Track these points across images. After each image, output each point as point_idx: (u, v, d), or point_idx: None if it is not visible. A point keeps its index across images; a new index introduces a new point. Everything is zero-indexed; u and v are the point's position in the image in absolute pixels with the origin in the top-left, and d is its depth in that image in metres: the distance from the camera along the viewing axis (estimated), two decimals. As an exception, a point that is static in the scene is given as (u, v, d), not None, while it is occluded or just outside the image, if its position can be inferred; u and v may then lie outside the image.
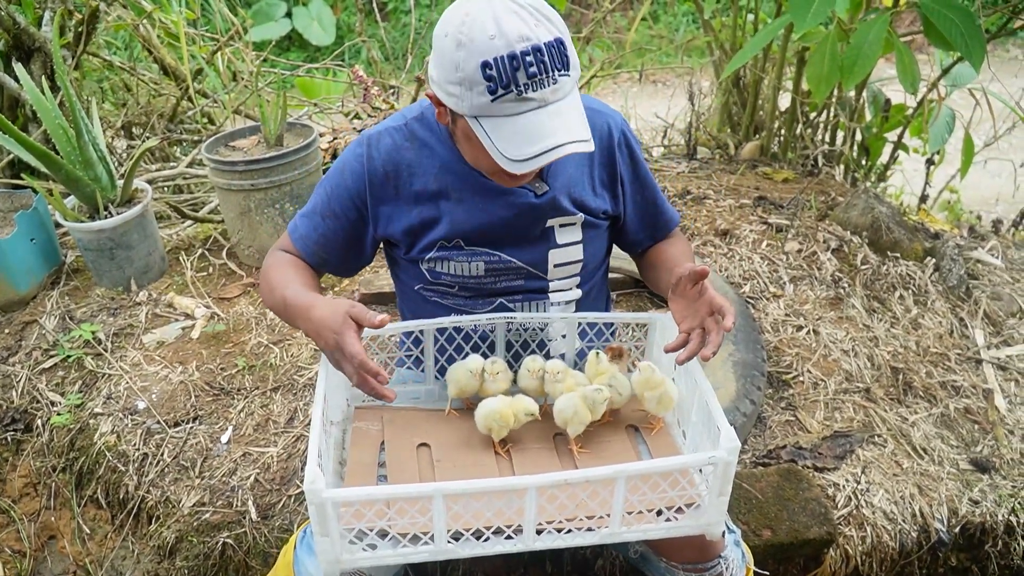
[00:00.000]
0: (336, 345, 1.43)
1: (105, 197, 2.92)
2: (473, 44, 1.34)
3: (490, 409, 1.56)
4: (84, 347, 2.74)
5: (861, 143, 3.89)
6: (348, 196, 1.66)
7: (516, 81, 1.34)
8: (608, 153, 1.68)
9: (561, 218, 1.66)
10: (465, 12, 1.36)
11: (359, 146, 1.65)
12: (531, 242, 1.67)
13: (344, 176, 1.66)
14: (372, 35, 7.05)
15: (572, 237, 1.69)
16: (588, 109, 1.62)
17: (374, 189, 1.65)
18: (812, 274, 2.95)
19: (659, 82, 6.90)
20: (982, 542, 2.24)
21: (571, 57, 1.39)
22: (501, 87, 1.35)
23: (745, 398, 2.36)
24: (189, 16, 4.07)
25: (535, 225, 1.66)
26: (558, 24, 1.38)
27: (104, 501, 2.39)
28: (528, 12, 1.35)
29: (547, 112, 1.38)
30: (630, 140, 1.72)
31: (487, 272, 1.69)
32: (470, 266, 1.68)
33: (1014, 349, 2.76)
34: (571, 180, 1.66)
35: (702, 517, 1.42)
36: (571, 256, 1.71)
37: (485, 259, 1.67)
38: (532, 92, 1.36)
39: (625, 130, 1.71)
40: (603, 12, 4.12)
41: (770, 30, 2.98)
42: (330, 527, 1.28)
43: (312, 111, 4.22)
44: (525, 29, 1.33)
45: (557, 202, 1.64)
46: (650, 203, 1.79)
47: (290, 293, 1.57)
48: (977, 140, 3.66)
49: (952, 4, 2.62)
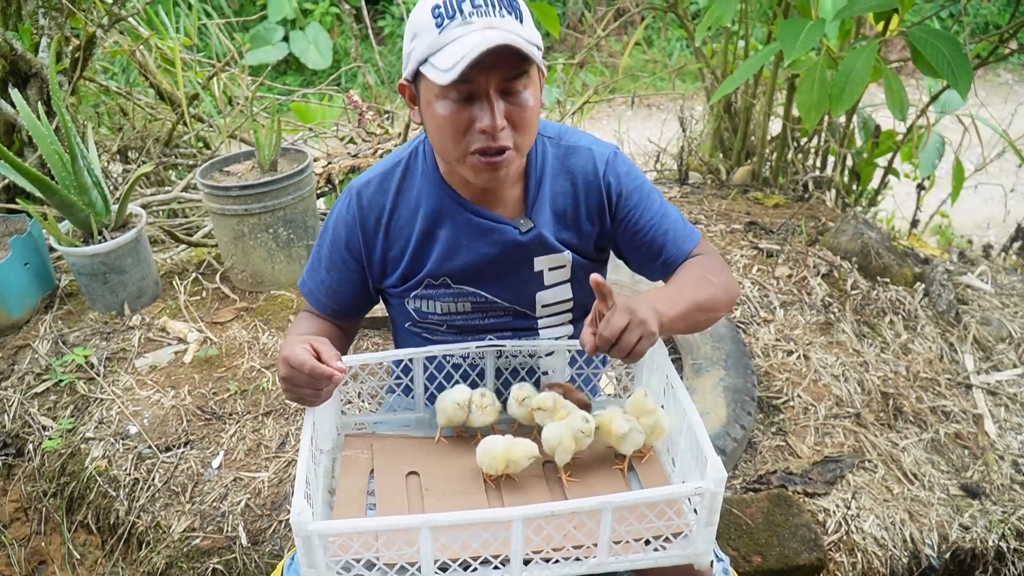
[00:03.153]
0: (283, 361, 1.47)
1: (99, 222, 2.94)
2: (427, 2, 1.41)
3: (485, 450, 1.56)
4: (76, 371, 2.74)
5: (852, 168, 3.92)
6: (345, 248, 1.68)
7: (461, 10, 1.38)
8: (594, 186, 1.65)
9: (548, 257, 1.65)
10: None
11: (347, 197, 1.67)
12: (518, 282, 1.66)
13: (338, 229, 1.68)
14: (368, 60, 7.10)
15: (561, 277, 1.68)
16: (572, 148, 1.64)
17: (366, 237, 1.67)
18: (802, 299, 2.97)
19: (653, 106, 6.94)
20: (972, 568, 2.24)
21: (521, 6, 1.43)
22: (447, 16, 1.38)
23: (735, 423, 2.37)
24: (185, 43, 4.11)
25: (522, 265, 1.65)
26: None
27: (95, 526, 2.39)
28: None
29: (492, 25, 1.38)
30: (618, 168, 1.65)
31: (473, 310, 1.69)
32: (456, 304, 1.69)
33: (1004, 374, 2.77)
34: (556, 216, 1.64)
35: (690, 547, 1.42)
36: (560, 296, 1.70)
37: (471, 298, 1.68)
38: (476, 19, 1.38)
39: (611, 159, 1.66)
40: (596, 38, 4.15)
41: (759, 57, 3.01)
42: (317, 559, 1.28)
43: (307, 136, 4.25)
44: None
45: (543, 238, 1.63)
46: (652, 228, 1.65)
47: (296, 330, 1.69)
48: (968, 165, 3.69)
49: (939, 33, 2.66)
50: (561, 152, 1.64)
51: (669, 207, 1.69)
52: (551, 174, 1.63)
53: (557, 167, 1.63)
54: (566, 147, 1.65)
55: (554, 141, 1.65)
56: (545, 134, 1.65)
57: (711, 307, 1.57)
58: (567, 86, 4.40)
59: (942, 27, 3.81)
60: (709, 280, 1.58)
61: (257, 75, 4.38)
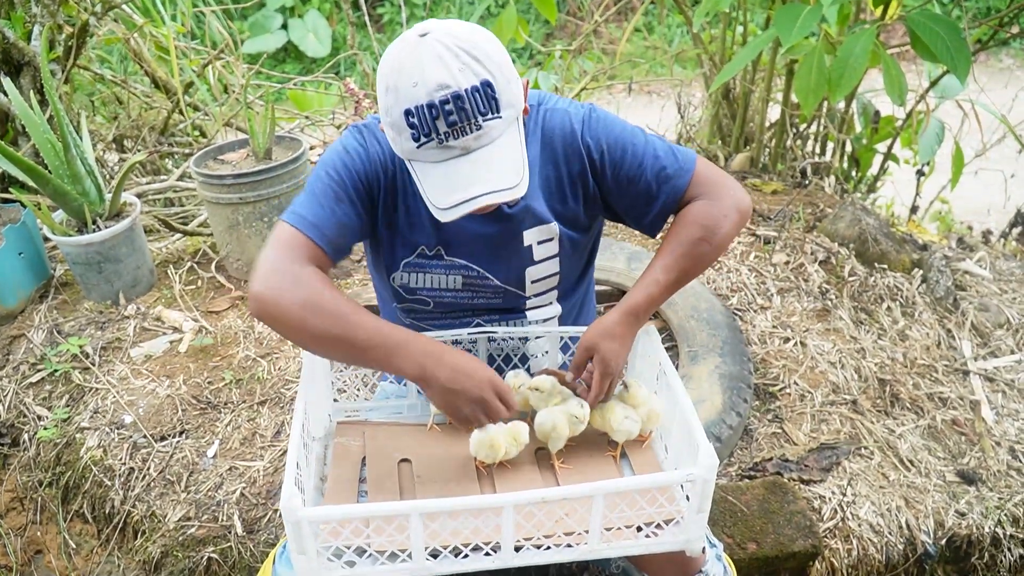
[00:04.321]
0: (488, 383, 1.48)
1: (93, 211, 2.93)
2: (398, 91, 1.35)
3: (479, 440, 1.54)
4: (72, 361, 2.74)
5: (851, 154, 3.90)
6: (357, 178, 1.54)
7: (436, 130, 1.34)
8: (573, 149, 1.60)
9: (537, 229, 1.63)
10: (395, 56, 1.37)
11: (358, 132, 1.59)
12: (508, 257, 1.65)
13: (350, 157, 1.55)
14: (366, 48, 7.07)
15: (550, 251, 1.67)
16: (550, 110, 1.61)
17: (378, 178, 1.57)
18: (799, 286, 2.95)
19: (653, 93, 6.91)
20: (969, 554, 2.24)
21: (501, 98, 1.36)
22: (423, 135, 1.35)
23: (732, 410, 2.36)
24: (180, 30, 4.08)
25: (511, 238, 1.63)
26: (488, 65, 1.35)
27: (90, 516, 2.39)
28: (454, 56, 1.33)
29: (469, 160, 1.37)
30: (594, 125, 1.60)
31: (464, 286, 1.68)
32: (447, 279, 1.67)
33: (1001, 360, 2.76)
34: (544, 185, 1.62)
35: (682, 534, 1.42)
36: (548, 271, 1.69)
37: (464, 272, 1.66)
38: (453, 140, 1.35)
39: (587, 118, 1.60)
40: (593, 24, 4.13)
41: (757, 43, 2.99)
42: (307, 545, 1.28)
43: (304, 124, 4.23)
44: (446, 76, 1.32)
45: (531, 209, 1.61)
46: (641, 175, 1.59)
47: (377, 324, 1.46)
48: (968, 151, 3.67)
49: (938, 17, 2.64)
50: (540, 118, 1.61)
51: (656, 145, 1.61)
52: (533, 144, 1.60)
53: (538, 135, 1.61)
54: (544, 112, 1.62)
55: (535, 108, 1.62)
56: (527, 102, 1.60)
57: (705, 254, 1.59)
58: (565, 72, 4.38)
59: (943, 12, 3.78)
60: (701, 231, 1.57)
61: (253, 64, 4.36)
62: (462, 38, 1.35)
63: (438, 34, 1.34)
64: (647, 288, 1.57)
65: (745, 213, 1.60)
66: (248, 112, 3.28)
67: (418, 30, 1.36)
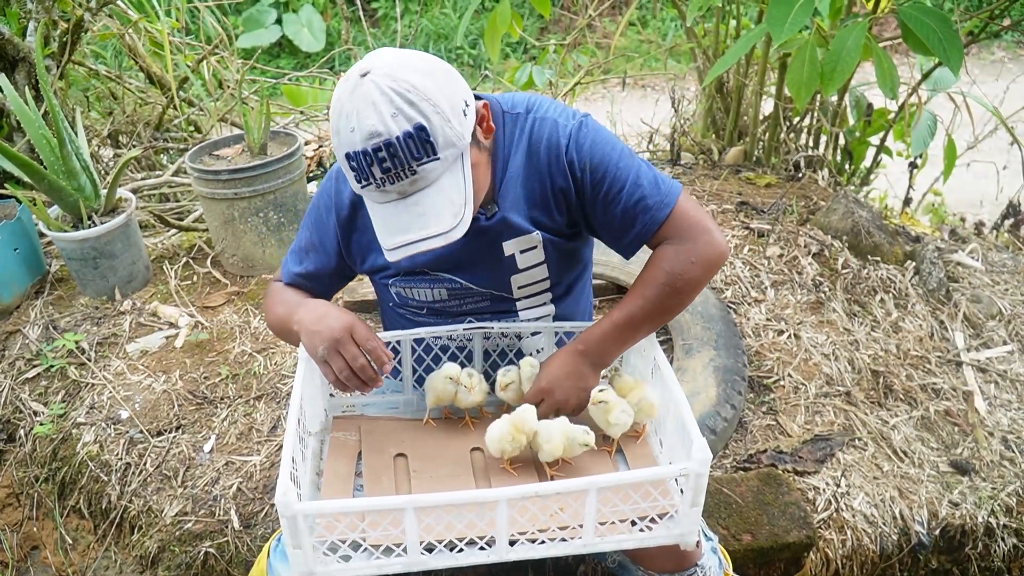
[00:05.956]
0: (345, 327, 1.51)
1: (88, 207, 2.93)
2: (339, 135, 1.36)
3: (493, 437, 1.54)
4: (67, 357, 2.74)
5: (844, 147, 3.91)
6: (326, 230, 1.68)
7: (373, 175, 1.36)
8: (557, 165, 1.57)
9: (517, 240, 1.61)
10: (338, 98, 1.37)
11: (328, 180, 1.68)
12: (490, 267, 1.64)
13: (320, 211, 1.69)
14: (361, 43, 7.06)
15: (535, 259, 1.65)
16: (540, 119, 1.57)
17: (342, 221, 1.66)
18: (793, 279, 2.97)
19: (647, 87, 6.92)
20: (962, 544, 2.25)
21: (438, 140, 1.34)
22: (363, 178, 1.37)
23: (726, 403, 2.37)
24: (174, 25, 4.08)
25: (490, 250, 1.62)
26: (423, 108, 1.33)
27: (87, 511, 2.40)
28: (388, 101, 1.31)
29: (406, 204, 1.38)
30: (582, 141, 1.56)
31: (450, 297, 1.69)
32: (432, 292, 1.69)
33: (993, 351, 2.78)
34: (526, 195, 1.59)
35: (676, 527, 1.43)
36: (536, 277, 1.68)
37: (447, 285, 1.67)
38: (389, 185, 1.37)
39: (575, 133, 1.56)
40: (587, 18, 4.13)
41: (750, 37, 2.99)
42: (302, 539, 1.29)
43: (299, 119, 4.23)
44: (378, 124, 1.31)
45: (508, 221, 1.58)
46: (622, 201, 1.57)
47: (296, 299, 1.68)
48: (961, 143, 3.68)
49: (929, 10, 2.64)
50: (528, 127, 1.58)
51: (641, 172, 1.57)
52: (518, 152, 1.58)
53: (524, 144, 1.58)
54: (533, 120, 1.58)
55: (523, 116, 1.59)
56: (515, 110, 1.59)
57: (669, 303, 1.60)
58: (559, 67, 4.38)
59: (934, 5, 3.79)
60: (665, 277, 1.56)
61: (250, 58, 4.35)
62: (399, 79, 1.32)
63: (377, 75, 1.33)
64: (602, 327, 1.61)
65: (716, 262, 1.58)
66: (243, 107, 3.28)
67: (361, 68, 1.35)
